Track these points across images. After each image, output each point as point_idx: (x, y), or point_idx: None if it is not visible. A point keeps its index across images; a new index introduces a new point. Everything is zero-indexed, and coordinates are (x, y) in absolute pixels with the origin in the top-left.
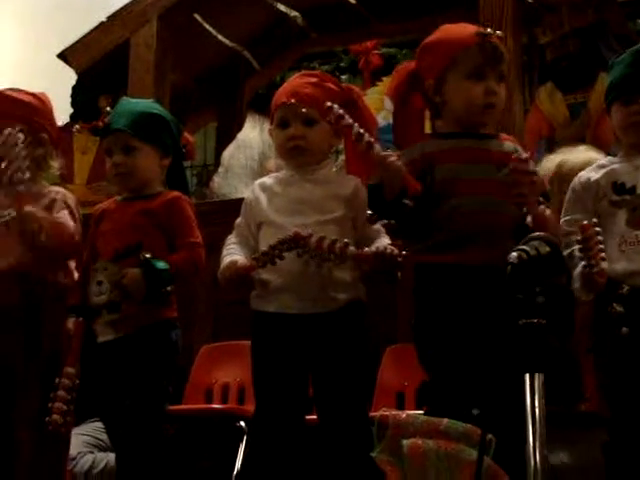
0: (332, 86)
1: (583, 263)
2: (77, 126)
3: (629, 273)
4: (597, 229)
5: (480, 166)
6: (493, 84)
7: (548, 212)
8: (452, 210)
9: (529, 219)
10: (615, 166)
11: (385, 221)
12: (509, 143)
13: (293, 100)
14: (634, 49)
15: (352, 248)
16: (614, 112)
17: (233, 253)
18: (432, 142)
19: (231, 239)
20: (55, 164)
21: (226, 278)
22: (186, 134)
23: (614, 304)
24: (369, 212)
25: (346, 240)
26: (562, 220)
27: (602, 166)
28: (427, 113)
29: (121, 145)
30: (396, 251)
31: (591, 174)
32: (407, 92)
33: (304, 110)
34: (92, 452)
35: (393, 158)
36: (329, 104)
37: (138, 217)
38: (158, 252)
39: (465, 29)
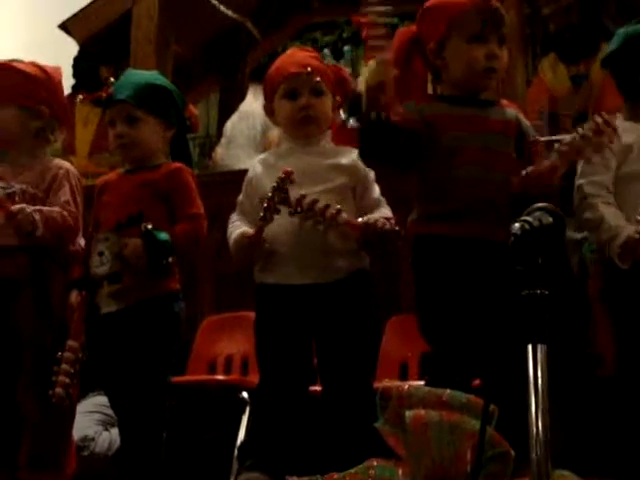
0: (326, 62)
1: (628, 233)
2: (80, 97)
3: None
4: None
5: (481, 136)
6: (494, 47)
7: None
8: (452, 180)
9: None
10: None
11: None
12: (511, 110)
13: (309, 69)
14: None
15: (344, 215)
16: None
17: (239, 226)
18: (431, 105)
19: (234, 217)
20: (58, 138)
21: (240, 251)
22: (190, 106)
23: None
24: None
25: (339, 207)
26: (584, 181)
27: (624, 129)
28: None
29: (124, 116)
30: (388, 225)
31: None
32: (408, 56)
33: (318, 79)
34: (107, 430)
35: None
36: None
37: (140, 188)
38: (159, 223)
39: None
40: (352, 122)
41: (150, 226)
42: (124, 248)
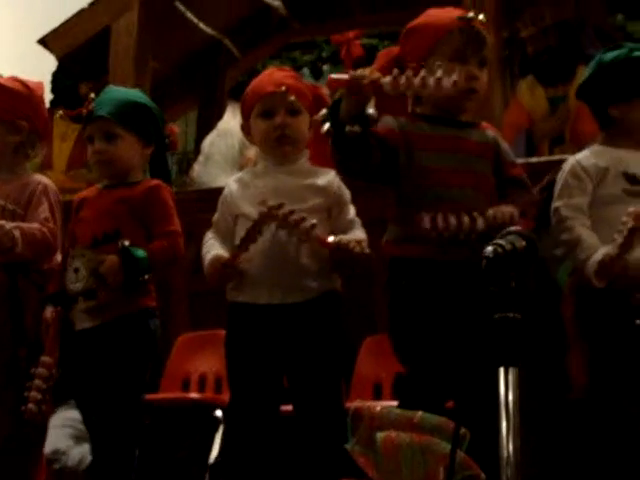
0: (304, 81)
1: (605, 251)
2: (60, 112)
3: None
4: None
5: (460, 157)
6: (474, 69)
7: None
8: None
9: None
10: (621, 154)
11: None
12: (490, 132)
13: (283, 88)
14: None
15: (317, 232)
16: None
17: (213, 248)
18: (412, 122)
19: (209, 235)
20: (38, 153)
21: (214, 274)
22: (171, 125)
23: (636, 294)
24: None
25: (314, 221)
26: (561, 203)
27: (600, 152)
28: None
29: (103, 132)
30: (358, 247)
31: (594, 160)
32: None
33: (292, 98)
34: (79, 444)
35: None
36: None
37: (117, 205)
38: (136, 240)
39: (449, 13)
40: (326, 126)
41: (127, 243)
42: (100, 265)
